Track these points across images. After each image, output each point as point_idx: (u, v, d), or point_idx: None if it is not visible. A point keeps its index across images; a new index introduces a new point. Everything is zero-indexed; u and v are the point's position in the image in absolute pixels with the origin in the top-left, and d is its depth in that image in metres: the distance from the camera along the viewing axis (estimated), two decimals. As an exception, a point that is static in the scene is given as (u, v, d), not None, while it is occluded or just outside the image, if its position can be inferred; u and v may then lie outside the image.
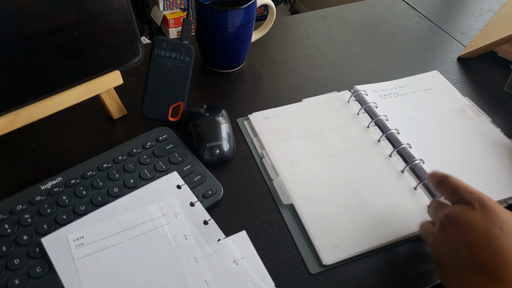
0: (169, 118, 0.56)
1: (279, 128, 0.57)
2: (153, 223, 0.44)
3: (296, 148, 0.55)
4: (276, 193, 0.50)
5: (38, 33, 0.44)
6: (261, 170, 0.53)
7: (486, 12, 0.85)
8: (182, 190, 0.48)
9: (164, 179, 0.48)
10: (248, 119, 0.59)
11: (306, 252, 0.45)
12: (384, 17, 0.82)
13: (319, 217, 0.47)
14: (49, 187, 0.47)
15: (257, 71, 0.68)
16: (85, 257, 0.42)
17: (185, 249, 0.43)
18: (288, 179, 0.51)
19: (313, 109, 0.60)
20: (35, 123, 0.49)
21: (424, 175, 0.51)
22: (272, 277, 0.43)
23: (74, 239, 0.43)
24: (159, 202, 0.46)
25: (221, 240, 0.44)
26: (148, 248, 0.43)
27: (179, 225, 0.45)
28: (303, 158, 0.53)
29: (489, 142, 0.55)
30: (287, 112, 0.60)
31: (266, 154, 0.54)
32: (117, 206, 0.46)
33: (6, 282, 0.40)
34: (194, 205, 0.46)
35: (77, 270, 0.41)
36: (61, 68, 0.48)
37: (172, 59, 0.54)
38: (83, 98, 0.51)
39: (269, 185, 0.51)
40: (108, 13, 0.48)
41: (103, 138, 0.55)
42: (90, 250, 0.42)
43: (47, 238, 0.43)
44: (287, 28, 0.77)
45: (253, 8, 0.61)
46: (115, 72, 0.53)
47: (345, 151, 0.54)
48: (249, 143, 0.56)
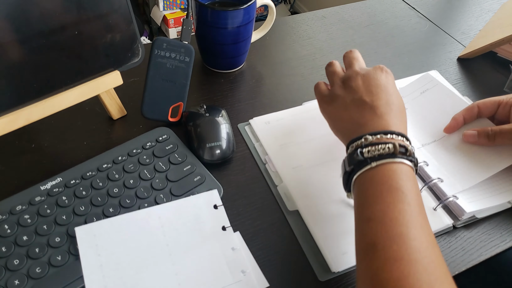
0: (169, 119, 0.56)
1: (281, 133, 0.57)
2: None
3: (299, 152, 0.54)
4: (281, 200, 0.50)
5: (38, 33, 0.44)
6: (265, 176, 0.52)
7: (486, 12, 0.85)
8: (218, 211, 0.47)
9: (203, 196, 0.48)
10: (249, 124, 0.58)
11: (313, 259, 0.45)
12: (384, 17, 0.82)
13: (325, 223, 0.47)
14: (48, 188, 0.47)
15: (257, 71, 0.68)
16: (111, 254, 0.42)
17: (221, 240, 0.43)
18: (292, 185, 0.50)
19: (314, 112, 0.59)
20: (35, 123, 0.49)
21: (445, 195, 0.49)
22: (272, 278, 0.43)
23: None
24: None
25: (246, 272, 0.43)
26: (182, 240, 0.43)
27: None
28: (307, 163, 0.53)
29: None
30: (288, 116, 0.59)
31: (269, 159, 0.53)
32: (152, 213, 0.46)
33: (6, 283, 0.40)
34: (225, 230, 0.46)
35: (101, 266, 0.41)
36: (61, 68, 0.48)
37: (172, 59, 0.54)
38: (83, 98, 0.51)
39: (274, 192, 0.51)
40: (108, 13, 0.48)
41: (103, 138, 0.55)
42: (116, 247, 0.43)
43: (80, 228, 0.43)
44: (287, 28, 0.77)
45: (253, 8, 0.61)
46: (115, 72, 0.53)
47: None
48: (251, 149, 0.55)
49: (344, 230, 0.46)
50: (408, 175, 0.39)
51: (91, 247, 0.42)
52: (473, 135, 0.53)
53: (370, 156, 0.40)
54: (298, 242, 0.46)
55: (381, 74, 0.47)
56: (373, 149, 0.40)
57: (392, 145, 0.40)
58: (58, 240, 0.43)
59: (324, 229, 0.46)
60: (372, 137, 0.41)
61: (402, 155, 0.40)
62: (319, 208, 0.48)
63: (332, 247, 0.45)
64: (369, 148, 0.40)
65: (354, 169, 0.41)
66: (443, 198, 0.49)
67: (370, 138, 0.41)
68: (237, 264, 0.43)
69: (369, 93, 0.45)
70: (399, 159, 0.39)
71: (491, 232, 0.48)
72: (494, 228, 0.49)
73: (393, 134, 0.41)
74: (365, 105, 0.44)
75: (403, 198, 0.37)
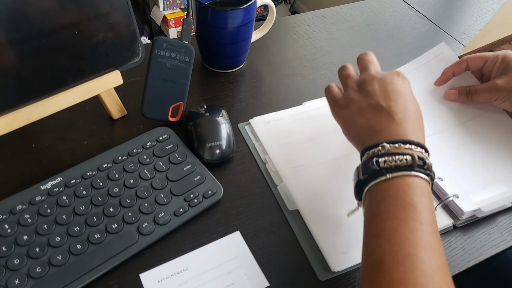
0: (169, 118, 0.56)
1: (281, 133, 0.56)
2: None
3: (299, 152, 0.54)
4: (282, 199, 0.50)
5: (38, 33, 0.44)
6: (265, 176, 0.52)
7: (486, 12, 0.85)
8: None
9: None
10: (249, 124, 0.58)
11: (313, 259, 0.45)
12: (384, 17, 0.82)
13: (326, 222, 0.47)
14: (49, 187, 0.47)
15: (257, 71, 0.68)
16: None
17: None
18: (292, 184, 0.50)
19: (314, 112, 0.60)
20: (35, 123, 0.49)
21: (445, 195, 0.49)
22: (272, 277, 0.43)
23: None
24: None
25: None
26: None
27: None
28: (307, 163, 0.53)
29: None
30: (288, 116, 0.59)
31: (269, 159, 0.53)
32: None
33: (6, 282, 0.40)
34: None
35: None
36: (61, 67, 0.48)
37: (172, 59, 0.54)
38: (83, 98, 0.51)
39: (274, 192, 0.51)
40: (108, 13, 0.48)
41: (103, 138, 0.55)
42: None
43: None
44: (287, 28, 0.77)
45: (253, 8, 0.61)
46: (115, 72, 0.53)
47: (349, 154, 0.54)
48: (251, 149, 0.55)
49: (344, 230, 0.46)
50: (423, 190, 0.37)
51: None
52: (454, 93, 0.58)
53: (386, 167, 0.38)
54: (298, 242, 0.46)
55: (398, 79, 0.45)
56: (390, 159, 0.38)
57: (410, 157, 0.38)
58: (58, 239, 0.43)
59: (324, 229, 0.46)
60: (390, 145, 0.39)
61: (420, 168, 0.38)
62: (319, 207, 0.48)
63: (332, 247, 0.45)
64: (385, 158, 0.38)
65: (368, 178, 0.39)
66: (443, 198, 0.49)
67: (387, 146, 0.39)
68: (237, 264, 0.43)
69: (386, 98, 0.43)
70: (416, 173, 0.37)
71: (491, 232, 0.48)
72: (494, 228, 0.49)
73: (412, 144, 0.39)
74: (382, 110, 0.42)
75: (416, 215, 0.35)
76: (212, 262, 0.44)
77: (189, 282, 0.42)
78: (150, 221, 0.46)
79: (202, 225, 0.47)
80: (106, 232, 0.44)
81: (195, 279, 0.42)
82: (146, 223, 0.45)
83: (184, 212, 0.47)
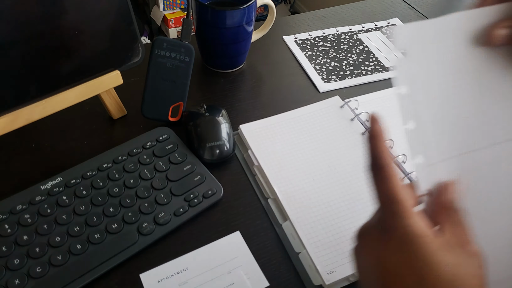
0: (169, 118, 0.56)
1: (271, 139, 0.54)
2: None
3: (290, 160, 0.52)
4: (272, 213, 0.48)
5: (38, 33, 0.44)
6: (254, 188, 0.51)
7: (486, 12, 0.85)
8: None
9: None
10: (238, 134, 0.56)
11: (303, 272, 0.43)
12: (384, 17, 0.82)
13: (317, 234, 0.45)
14: (49, 187, 0.47)
15: (257, 71, 0.68)
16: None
17: None
18: (282, 197, 0.48)
19: (305, 117, 0.58)
20: (35, 123, 0.49)
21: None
22: (272, 277, 0.43)
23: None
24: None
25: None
26: None
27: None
28: (298, 171, 0.51)
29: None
30: (279, 121, 0.57)
31: (259, 169, 0.51)
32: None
33: (6, 282, 0.40)
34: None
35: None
36: (61, 67, 0.48)
37: (172, 59, 0.54)
38: (83, 98, 0.51)
39: (264, 205, 0.49)
40: (108, 13, 0.48)
41: (103, 138, 0.55)
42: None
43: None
44: (287, 28, 0.77)
45: (253, 8, 0.61)
46: (115, 72, 0.53)
47: (341, 160, 0.52)
48: (240, 160, 0.54)
49: (337, 241, 0.45)
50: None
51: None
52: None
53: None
54: (288, 254, 0.45)
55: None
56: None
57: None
58: (58, 239, 0.43)
59: (315, 240, 0.45)
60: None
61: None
62: (310, 218, 0.47)
63: (324, 259, 0.43)
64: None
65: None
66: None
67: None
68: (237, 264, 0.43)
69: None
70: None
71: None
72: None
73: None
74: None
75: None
76: (212, 262, 0.44)
77: (189, 282, 0.42)
78: (150, 221, 0.46)
79: (202, 225, 0.47)
80: (106, 232, 0.44)
81: (195, 279, 0.43)
82: (146, 223, 0.45)
83: (184, 212, 0.47)
